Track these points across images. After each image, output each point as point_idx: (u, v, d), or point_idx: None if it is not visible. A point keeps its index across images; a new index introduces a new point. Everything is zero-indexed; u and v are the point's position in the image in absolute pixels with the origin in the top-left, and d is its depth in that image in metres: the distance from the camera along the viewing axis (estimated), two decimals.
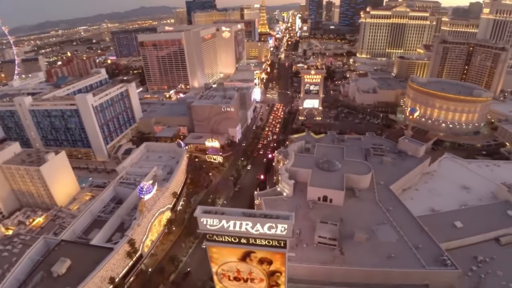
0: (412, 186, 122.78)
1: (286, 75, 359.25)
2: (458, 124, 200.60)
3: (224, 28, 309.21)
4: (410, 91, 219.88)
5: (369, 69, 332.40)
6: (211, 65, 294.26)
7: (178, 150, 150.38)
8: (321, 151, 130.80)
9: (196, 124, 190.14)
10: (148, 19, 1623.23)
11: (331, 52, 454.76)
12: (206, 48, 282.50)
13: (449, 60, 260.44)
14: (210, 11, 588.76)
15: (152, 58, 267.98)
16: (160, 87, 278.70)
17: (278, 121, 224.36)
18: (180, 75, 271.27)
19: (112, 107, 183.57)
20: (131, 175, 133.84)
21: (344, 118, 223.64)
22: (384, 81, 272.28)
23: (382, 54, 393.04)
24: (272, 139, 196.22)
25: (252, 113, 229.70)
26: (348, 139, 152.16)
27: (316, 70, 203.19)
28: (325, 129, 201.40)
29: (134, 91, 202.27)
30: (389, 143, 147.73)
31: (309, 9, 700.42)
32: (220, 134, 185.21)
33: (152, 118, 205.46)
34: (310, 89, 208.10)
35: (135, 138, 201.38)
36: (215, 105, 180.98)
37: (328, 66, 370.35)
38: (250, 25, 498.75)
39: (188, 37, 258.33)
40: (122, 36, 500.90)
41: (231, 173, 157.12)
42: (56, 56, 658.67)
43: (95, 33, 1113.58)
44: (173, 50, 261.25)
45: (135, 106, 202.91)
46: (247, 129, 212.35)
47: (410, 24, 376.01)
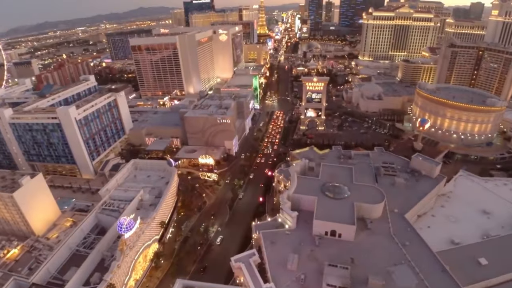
0: (428, 211, 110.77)
1: (286, 79, 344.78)
2: (470, 135, 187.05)
3: (221, 31, 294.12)
4: (418, 99, 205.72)
5: (372, 73, 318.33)
6: (207, 69, 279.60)
7: (168, 169, 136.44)
8: (327, 172, 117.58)
9: (189, 137, 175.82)
10: (146, 20, 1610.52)
11: (332, 54, 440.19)
12: (202, 52, 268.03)
13: (457, 64, 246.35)
14: (207, 12, 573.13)
15: (145, 63, 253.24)
16: (154, 94, 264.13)
17: (278, 131, 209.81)
18: (175, 81, 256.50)
19: (98, 119, 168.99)
20: (115, 199, 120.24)
21: (348, 127, 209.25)
22: (389, 87, 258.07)
23: (384, 56, 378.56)
24: (271, 152, 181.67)
25: (250, 121, 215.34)
26: (355, 156, 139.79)
27: (318, 78, 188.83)
28: (329, 140, 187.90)
29: (123, 100, 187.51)
30: (400, 160, 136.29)
31: (309, 10, 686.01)
32: (216, 147, 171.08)
33: (143, 129, 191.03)
34: (312, 97, 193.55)
35: (125, 151, 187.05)
36: (210, 116, 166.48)
37: (329, 69, 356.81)
38: (248, 27, 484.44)
39: (182, 41, 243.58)
40: (118, 38, 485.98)
41: (226, 193, 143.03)
42: (51, 58, 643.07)
43: (92, 34, 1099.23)
44: (167, 54, 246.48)
45: (125, 117, 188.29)
46: (245, 140, 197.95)
47: (414, 26, 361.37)
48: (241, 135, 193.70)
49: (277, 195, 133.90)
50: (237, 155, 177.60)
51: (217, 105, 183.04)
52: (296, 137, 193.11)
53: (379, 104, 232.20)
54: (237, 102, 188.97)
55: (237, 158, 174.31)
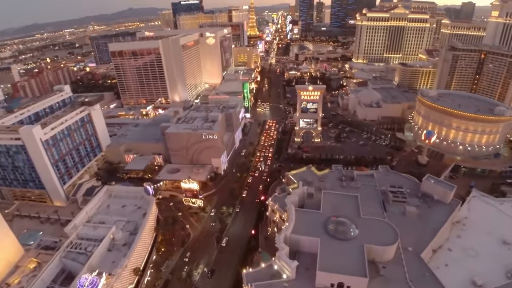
0: (444, 244, 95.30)
1: (277, 83, 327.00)
2: (478, 146, 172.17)
3: (208, 33, 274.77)
4: (420, 107, 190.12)
5: (368, 76, 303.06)
6: (194, 75, 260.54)
7: (146, 198, 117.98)
8: (329, 202, 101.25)
9: (172, 154, 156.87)
10: (135, 21, 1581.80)
11: (325, 56, 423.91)
12: (188, 56, 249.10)
13: (458, 69, 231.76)
14: (196, 14, 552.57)
15: (125, 70, 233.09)
16: (137, 102, 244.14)
17: (271, 143, 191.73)
18: (159, 88, 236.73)
19: (69, 138, 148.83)
20: (84, 238, 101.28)
21: (346, 138, 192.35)
22: (387, 92, 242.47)
23: (379, 59, 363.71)
24: (264, 169, 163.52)
25: (240, 133, 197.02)
26: (358, 177, 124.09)
27: (314, 86, 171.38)
28: (326, 153, 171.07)
29: (99, 114, 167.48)
30: (408, 181, 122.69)
31: (300, 10, 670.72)
32: (202, 166, 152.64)
33: (121, 146, 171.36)
34: (307, 107, 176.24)
35: (102, 170, 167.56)
36: (195, 132, 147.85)
37: (322, 72, 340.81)
38: (238, 28, 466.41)
39: (166, 45, 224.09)
40: (102, 41, 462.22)
41: (214, 222, 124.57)
42: (35, 62, 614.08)
43: (78, 37, 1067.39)
44: (150, 60, 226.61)
45: (101, 132, 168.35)
46: (235, 155, 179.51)
47: (409, 27, 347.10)
48: (230, 150, 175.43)
49: (271, 224, 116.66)
50: (226, 173, 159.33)
51: (203, 117, 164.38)
52: (291, 151, 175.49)
53: (378, 112, 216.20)
54: (225, 114, 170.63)
55: (227, 177, 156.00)
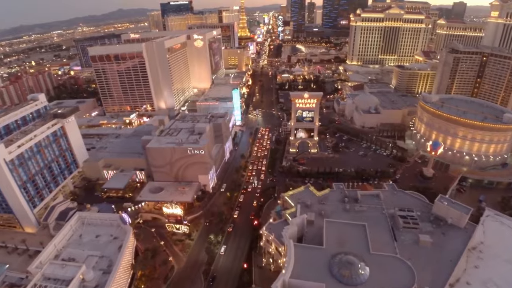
0: (461, 276, 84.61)
1: (270, 87, 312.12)
2: (485, 156, 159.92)
3: (196, 36, 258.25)
4: (423, 114, 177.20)
5: (363, 79, 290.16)
6: (182, 79, 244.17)
7: (122, 227, 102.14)
8: (333, 234, 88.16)
9: (155, 171, 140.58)
10: (125, 22, 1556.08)
11: (318, 58, 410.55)
12: (175, 60, 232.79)
13: (459, 72, 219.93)
14: (185, 15, 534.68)
15: (107, 75, 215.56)
16: (120, 110, 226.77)
17: (264, 154, 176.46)
18: (143, 94, 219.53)
19: (40, 155, 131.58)
20: (50, 279, 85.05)
21: (344, 148, 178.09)
22: (385, 97, 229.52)
23: (374, 61, 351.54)
24: (257, 185, 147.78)
25: (231, 144, 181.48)
26: (362, 197, 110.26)
27: (310, 93, 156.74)
28: (324, 166, 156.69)
29: (74, 126, 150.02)
30: (418, 201, 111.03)
31: (291, 11, 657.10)
32: (188, 184, 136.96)
33: (99, 160, 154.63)
34: (303, 116, 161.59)
35: (79, 188, 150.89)
36: (179, 146, 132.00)
37: (316, 75, 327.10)
38: (228, 29, 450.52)
39: (150, 49, 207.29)
40: (87, 44, 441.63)
41: (201, 251, 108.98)
42: (19, 65, 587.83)
43: (66, 39, 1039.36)
44: (133, 65, 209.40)
45: (77, 146, 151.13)
46: (225, 168, 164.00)
47: (405, 28, 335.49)
48: (220, 163, 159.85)
49: (265, 255, 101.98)
50: (215, 190, 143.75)
51: (189, 129, 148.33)
52: (286, 163, 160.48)
53: (377, 119, 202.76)
54: (213, 125, 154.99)
55: (216, 195, 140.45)
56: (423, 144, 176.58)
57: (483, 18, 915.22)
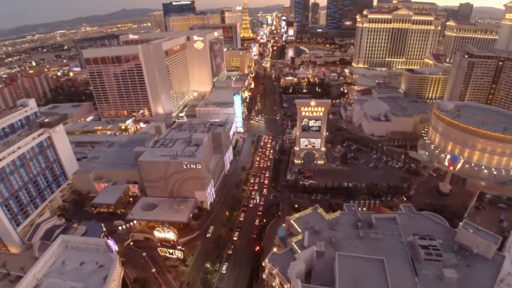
0: None
1: (273, 90, 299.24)
2: (505, 170, 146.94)
3: (196, 37, 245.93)
4: (438, 123, 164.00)
5: (370, 83, 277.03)
6: (181, 83, 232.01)
7: (109, 254, 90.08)
8: (347, 271, 75.78)
9: (148, 186, 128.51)
10: (128, 22, 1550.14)
11: (322, 60, 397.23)
12: (174, 62, 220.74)
13: (474, 77, 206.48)
14: (186, 15, 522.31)
15: (102, 78, 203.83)
16: (116, 114, 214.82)
17: (267, 165, 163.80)
18: (139, 99, 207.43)
19: (23, 168, 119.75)
20: None
21: (353, 159, 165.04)
22: (395, 102, 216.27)
23: (381, 63, 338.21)
24: (259, 202, 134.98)
25: (231, 153, 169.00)
26: (377, 222, 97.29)
27: (317, 101, 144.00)
28: (332, 180, 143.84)
29: (62, 136, 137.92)
30: (438, 226, 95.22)
31: (295, 11, 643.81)
32: (183, 200, 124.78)
33: (90, 172, 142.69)
34: (309, 125, 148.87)
35: (68, 203, 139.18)
36: (174, 160, 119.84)
37: (321, 78, 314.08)
38: (231, 30, 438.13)
39: (147, 51, 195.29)
40: (87, 44, 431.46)
41: (196, 281, 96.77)
42: (20, 66, 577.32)
43: (69, 39, 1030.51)
44: (129, 68, 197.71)
45: (65, 157, 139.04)
46: (225, 181, 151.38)
47: (413, 29, 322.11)
48: (219, 176, 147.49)
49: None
50: (213, 207, 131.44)
51: (186, 139, 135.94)
52: (290, 176, 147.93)
53: (387, 127, 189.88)
54: (212, 135, 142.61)
55: (214, 212, 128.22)
56: (438, 156, 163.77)
57: (488, 19, 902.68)
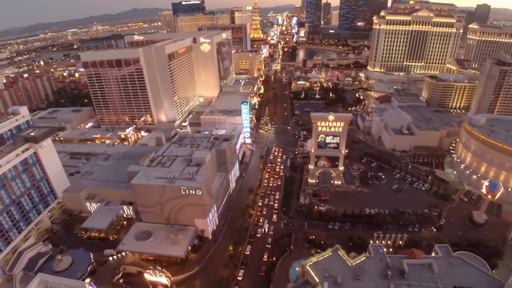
0: None
1: (284, 95, 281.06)
2: None
3: (203, 39, 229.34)
4: (469, 141, 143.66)
5: (388, 89, 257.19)
6: (186, 88, 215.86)
7: None
8: None
9: (142, 211, 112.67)
10: (139, 21, 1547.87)
11: (335, 62, 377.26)
12: (179, 66, 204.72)
13: (505, 87, 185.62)
14: (195, 15, 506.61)
15: (101, 83, 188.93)
16: (117, 121, 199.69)
17: (277, 184, 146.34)
18: (140, 105, 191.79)
19: (5, 190, 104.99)
20: None
21: (374, 179, 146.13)
22: (417, 113, 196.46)
23: (398, 67, 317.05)
24: (268, 231, 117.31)
25: (237, 169, 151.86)
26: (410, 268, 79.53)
27: (336, 115, 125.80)
28: (352, 205, 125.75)
29: (50, 151, 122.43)
30: (481, 275, 77.37)
31: (306, 11, 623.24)
32: (182, 229, 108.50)
33: (82, 191, 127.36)
34: (326, 141, 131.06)
35: (57, 224, 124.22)
36: (171, 184, 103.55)
37: (335, 82, 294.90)
38: (241, 31, 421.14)
39: (148, 54, 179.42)
40: (93, 44, 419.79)
41: None
42: (28, 65, 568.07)
43: (80, 37, 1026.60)
44: (129, 72, 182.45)
45: (54, 174, 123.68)
46: (229, 202, 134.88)
47: (433, 32, 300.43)
48: (223, 197, 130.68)
49: None
50: (215, 235, 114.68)
51: (186, 157, 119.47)
52: (304, 199, 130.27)
53: (410, 141, 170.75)
54: (216, 151, 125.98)
55: (216, 243, 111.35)
56: (469, 177, 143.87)
57: (503, 21, 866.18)
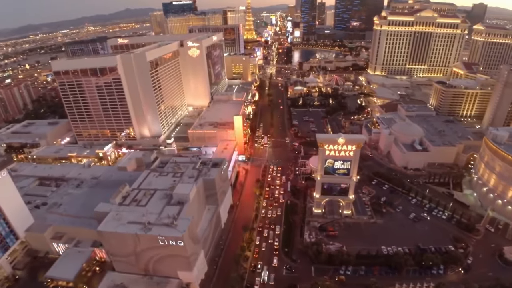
0: None
1: (280, 102, 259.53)
2: None
3: (191, 43, 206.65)
4: (493, 160, 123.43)
5: (392, 95, 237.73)
6: (172, 97, 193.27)
7: None
8: None
9: (115, 260, 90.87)
10: (132, 22, 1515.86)
11: (333, 65, 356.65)
12: (165, 73, 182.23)
13: None
14: (186, 15, 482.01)
15: (75, 94, 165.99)
16: (97, 136, 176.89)
17: (277, 215, 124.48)
18: (120, 119, 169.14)
19: None
20: None
21: (387, 206, 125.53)
22: (427, 123, 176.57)
23: (400, 71, 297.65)
24: (268, 281, 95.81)
25: (230, 197, 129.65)
26: None
27: (347, 137, 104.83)
28: (363, 238, 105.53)
29: (7, 184, 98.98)
30: None
31: (301, 11, 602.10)
32: (163, 281, 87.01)
33: (47, 230, 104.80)
34: (334, 167, 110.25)
35: (20, 270, 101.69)
36: (145, 233, 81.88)
37: (334, 87, 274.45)
38: (233, 32, 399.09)
39: (127, 62, 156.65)
40: (77, 47, 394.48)
41: None
42: (13, 69, 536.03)
43: (70, 39, 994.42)
44: (106, 82, 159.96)
45: (13, 211, 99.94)
46: (221, 240, 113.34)
47: (437, 33, 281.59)
48: (214, 236, 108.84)
49: None
50: (204, 285, 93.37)
51: (167, 192, 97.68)
52: (309, 236, 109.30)
53: (424, 158, 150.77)
54: (204, 182, 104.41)
55: None
56: (493, 201, 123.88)
57: (495, 20, 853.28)
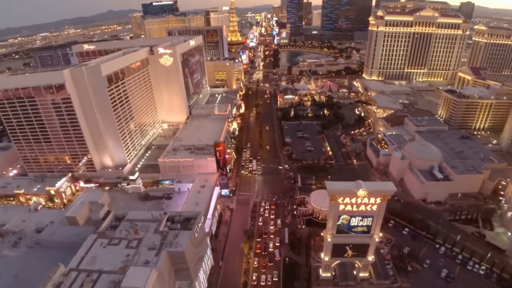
0: None
1: (269, 114, 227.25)
2: None
3: (162, 50, 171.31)
4: None
5: (393, 103, 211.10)
6: (142, 114, 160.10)
7: None
8: None
9: None
10: (114, 24, 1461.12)
11: (324, 69, 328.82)
12: (132, 86, 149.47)
13: None
14: (165, 17, 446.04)
15: (19, 118, 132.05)
16: (49, 166, 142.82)
17: (272, 281, 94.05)
18: (74, 146, 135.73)
19: None
20: None
21: (412, 259, 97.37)
22: (441, 141, 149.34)
23: (399, 75, 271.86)
24: None
25: (209, 259, 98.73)
26: None
27: (370, 188, 75.34)
28: None
29: None
30: None
31: (288, 11, 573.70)
32: None
33: None
34: (350, 224, 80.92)
35: None
36: None
37: (328, 95, 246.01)
38: (216, 34, 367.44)
39: (79, 77, 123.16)
40: (46, 54, 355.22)
41: None
42: None
43: (49, 42, 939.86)
44: (53, 102, 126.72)
45: None
46: None
47: (437, 34, 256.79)
48: None
49: None
50: None
51: (114, 277, 66.73)
52: None
53: (446, 188, 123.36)
54: (169, 255, 73.30)
55: None
56: None
57: (477, 18, 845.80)
